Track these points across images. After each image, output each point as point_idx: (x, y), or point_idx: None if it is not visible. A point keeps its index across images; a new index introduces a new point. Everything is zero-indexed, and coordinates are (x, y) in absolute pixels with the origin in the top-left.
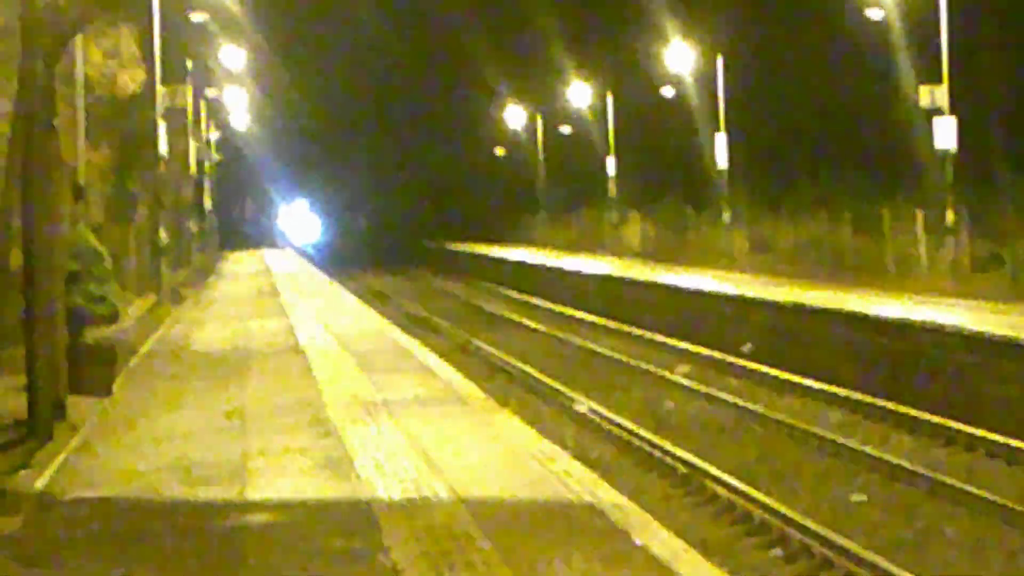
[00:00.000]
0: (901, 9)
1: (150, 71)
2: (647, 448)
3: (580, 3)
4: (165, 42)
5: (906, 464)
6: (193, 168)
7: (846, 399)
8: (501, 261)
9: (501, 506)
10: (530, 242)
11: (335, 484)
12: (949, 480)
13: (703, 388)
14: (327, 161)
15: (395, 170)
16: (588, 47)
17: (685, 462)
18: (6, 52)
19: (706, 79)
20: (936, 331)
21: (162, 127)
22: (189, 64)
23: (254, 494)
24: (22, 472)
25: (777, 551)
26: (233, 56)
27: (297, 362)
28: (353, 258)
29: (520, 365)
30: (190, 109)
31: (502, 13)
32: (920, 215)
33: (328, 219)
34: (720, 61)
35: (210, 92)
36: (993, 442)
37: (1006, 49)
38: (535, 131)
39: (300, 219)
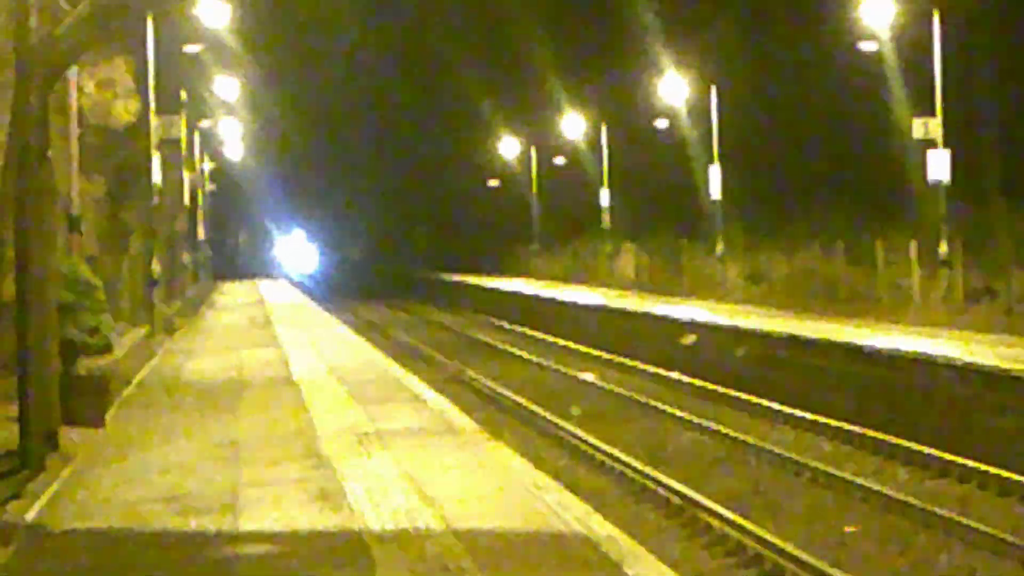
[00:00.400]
0: (895, 41)
1: (144, 102)
2: (640, 479)
3: (574, 35)
4: (159, 73)
5: (899, 495)
6: (187, 199)
7: (839, 430)
8: (495, 292)
9: (494, 537)
10: (524, 273)
11: (328, 515)
12: (942, 511)
13: (697, 419)
14: (322, 192)
15: (389, 201)
16: (582, 78)
17: (679, 493)
18: (0, 82)
19: (700, 110)
20: (929, 363)
21: (156, 158)
22: (183, 95)
23: (246, 525)
24: (13, 503)
25: None
26: (227, 87)
27: (290, 393)
28: (346, 289)
29: (513, 396)
30: (184, 140)
31: (496, 44)
32: (913, 246)
33: (324, 249)
34: (714, 92)
35: (204, 123)
36: (986, 473)
37: (999, 81)
38: (529, 162)
39: (296, 249)
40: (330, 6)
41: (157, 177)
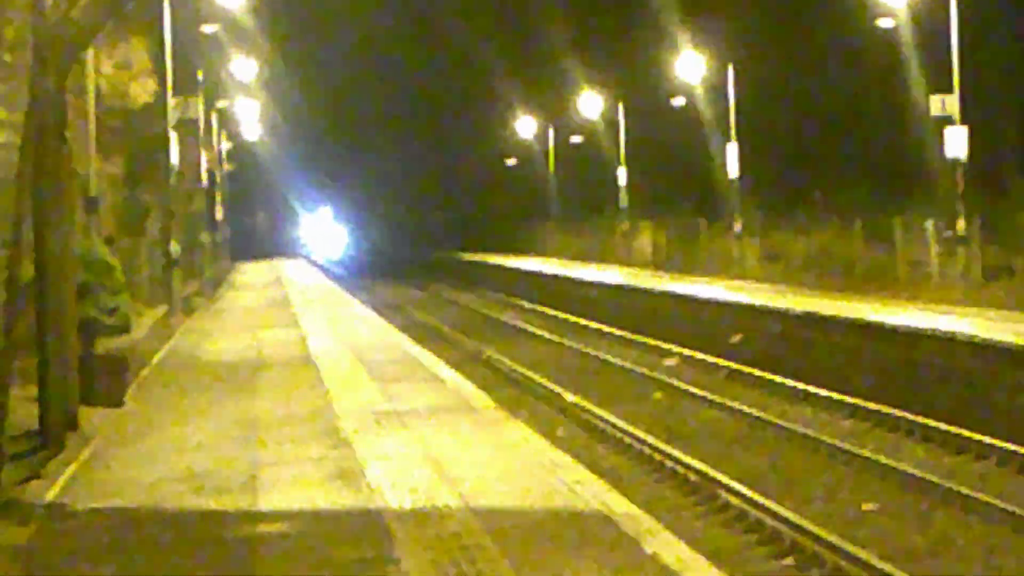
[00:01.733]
0: (912, 18)
1: (161, 82)
2: (658, 457)
3: (591, 13)
4: (176, 53)
5: (917, 472)
6: (204, 179)
7: (858, 408)
8: (512, 271)
9: (512, 515)
10: (541, 252)
11: (346, 494)
12: (961, 488)
13: (716, 397)
14: (340, 172)
15: (408, 180)
16: (599, 57)
17: (697, 471)
18: (17, 64)
19: (717, 89)
20: (947, 340)
21: (173, 138)
22: (200, 75)
23: (265, 504)
24: (33, 483)
25: (789, 560)
26: (244, 67)
27: (308, 372)
28: (365, 268)
29: (532, 375)
30: (201, 120)
31: (513, 24)
32: (931, 225)
33: (353, 230)
34: (731, 70)
35: (221, 103)
36: (1004, 450)
37: (1018, 57)
38: (546, 141)
39: (323, 230)
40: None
41: (175, 158)
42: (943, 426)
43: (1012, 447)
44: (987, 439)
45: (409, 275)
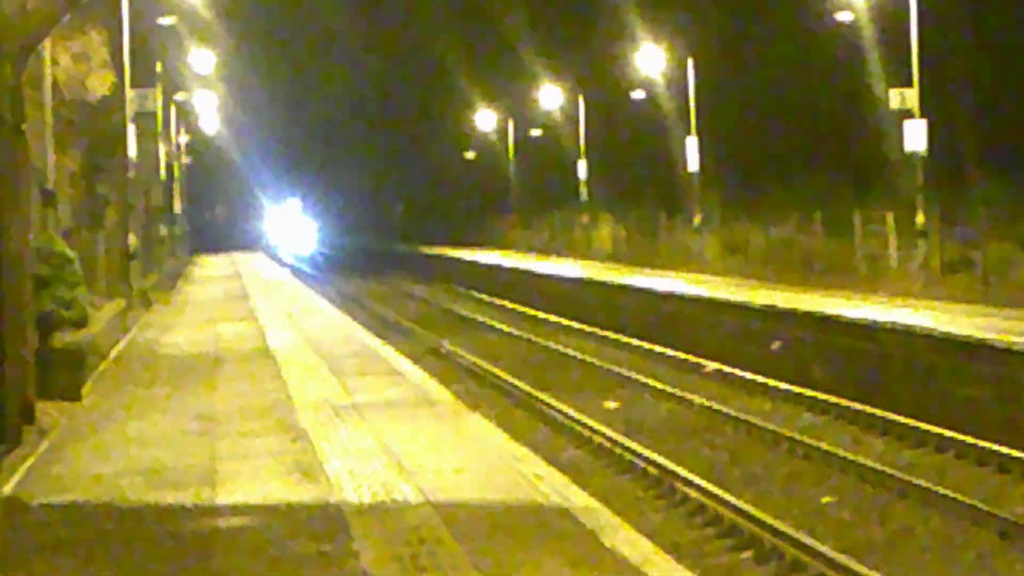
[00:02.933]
0: (872, 12)
1: (119, 74)
2: (618, 450)
3: (550, 5)
4: (134, 45)
5: (877, 465)
6: (163, 172)
7: (817, 401)
8: (472, 264)
9: (471, 509)
10: (502, 245)
11: (305, 487)
12: (920, 481)
13: (675, 391)
14: (302, 165)
15: (367, 174)
16: (558, 49)
17: (656, 464)
18: None
19: (677, 82)
20: (906, 333)
21: (131, 131)
22: (159, 67)
23: (224, 498)
24: None
25: (748, 554)
26: (202, 59)
27: (267, 365)
28: (324, 262)
29: (491, 368)
30: (160, 112)
31: (472, 16)
32: (890, 217)
33: (320, 223)
34: (691, 64)
35: (180, 95)
36: (963, 443)
37: (976, 52)
38: (506, 134)
39: (291, 222)
40: None
41: (132, 150)
42: (902, 419)
43: (971, 440)
44: (946, 432)
45: (369, 269)
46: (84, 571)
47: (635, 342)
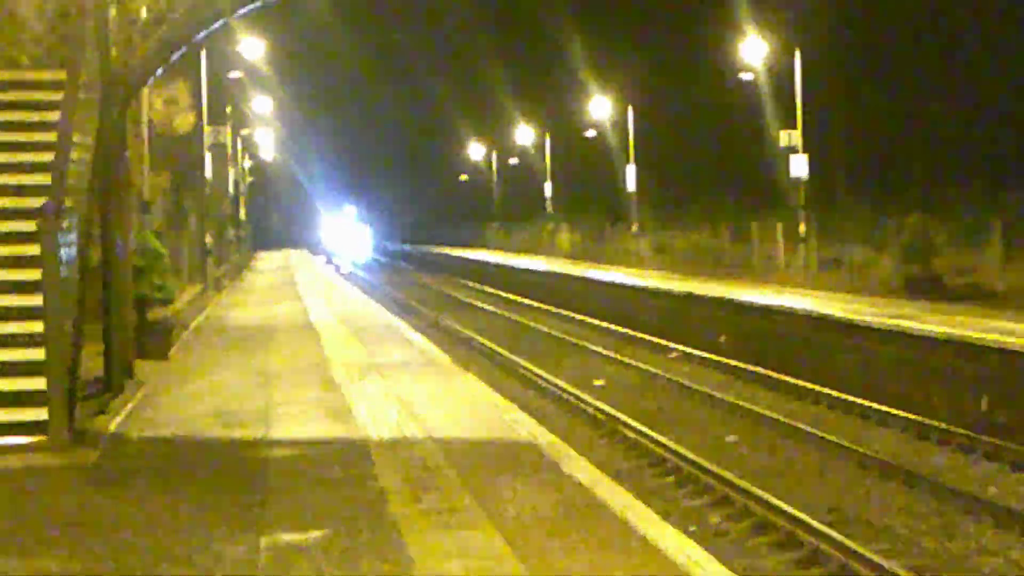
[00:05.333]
0: (767, 73)
1: (199, 115)
2: (575, 401)
3: (524, 66)
4: (210, 93)
5: (768, 413)
6: (231, 188)
7: (723, 364)
8: (464, 260)
9: (463, 444)
10: (486, 246)
11: (338, 427)
12: (800, 425)
13: (618, 357)
14: (345, 186)
15: (390, 193)
16: (530, 98)
17: (604, 412)
18: (89, 100)
19: (620, 124)
20: (791, 314)
21: (208, 158)
22: (228, 109)
23: (276, 434)
24: (100, 417)
25: (671, 478)
26: (262, 103)
27: (309, 335)
28: (350, 256)
29: (479, 338)
30: (229, 144)
31: (463, 72)
32: (780, 227)
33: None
34: (630, 111)
35: (244, 131)
36: (833, 397)
37: (846, 103)
38: (491, 162)
39: (346, 228)
40: (335, 44)
41: (208, 172)
42: (787, 378)
43: (838, 394)
44: (821, 388)
45: (385, 263)
46: (171, 488)
47: (587, 319)
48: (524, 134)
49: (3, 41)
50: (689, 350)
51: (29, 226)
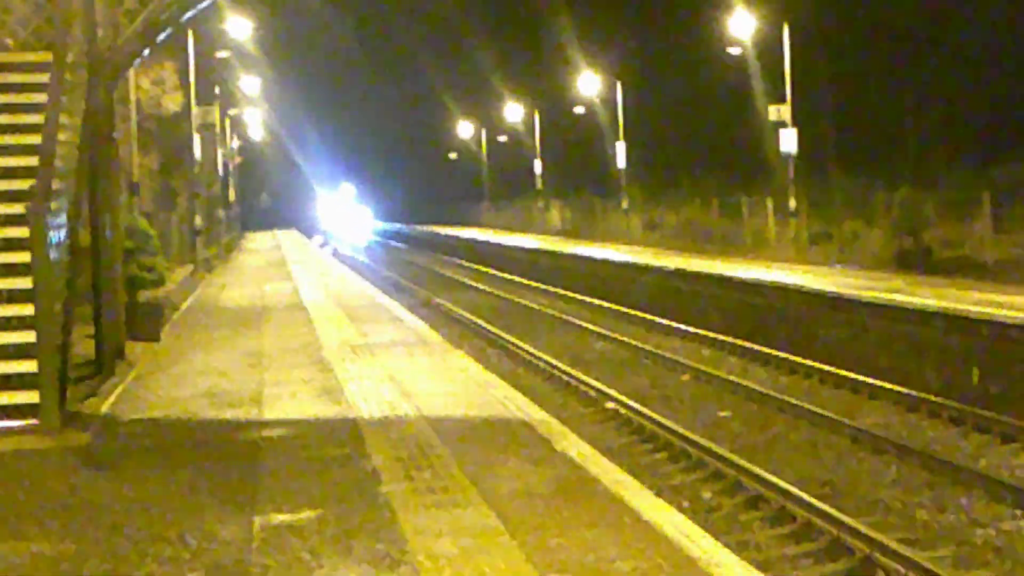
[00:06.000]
0: (755, 47)
1: (187, 95)
2: (565, 377)
3: (513, 42)
4: (198, 73)
5: (760, 388)
6: (220, 169)
7: (714, 340)
8: (455, 238)
9: (455, 422)
10: (477, 224)
11: (330, 406)
12: (791, 400)
13: (607, 332)
14: (337, 169)
15: (383, 172)
16: (519, 76)
17: (595, 388)
18: (76, 82)
19: (609, 100)
20: (782, 289)
21: (196, 139)
22: (216, 90)
23: (268, 414)
24: (92, 399)
25: (663, 454)
26: (249, 84)
27: (300, 315)
28: (340, 234)
29: (470, 316)
30: (217, 124)
31: (453, 51)
32: (770, 202)
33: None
34: (619, 87)
35: (232, 111)
36: (824, 371)
37: (835, 76)
38: (480, 140)
39: (344, 208)
40: (324, 26)
41: (197, 153)
42: (778, 353)
43: (828, 368)
44: (812, 363)
45: (376, 241)
46: (164, 470)
47: (578, 296)
48: (513, 111)
49: None
50: (677, 324)
51: (18, 209)
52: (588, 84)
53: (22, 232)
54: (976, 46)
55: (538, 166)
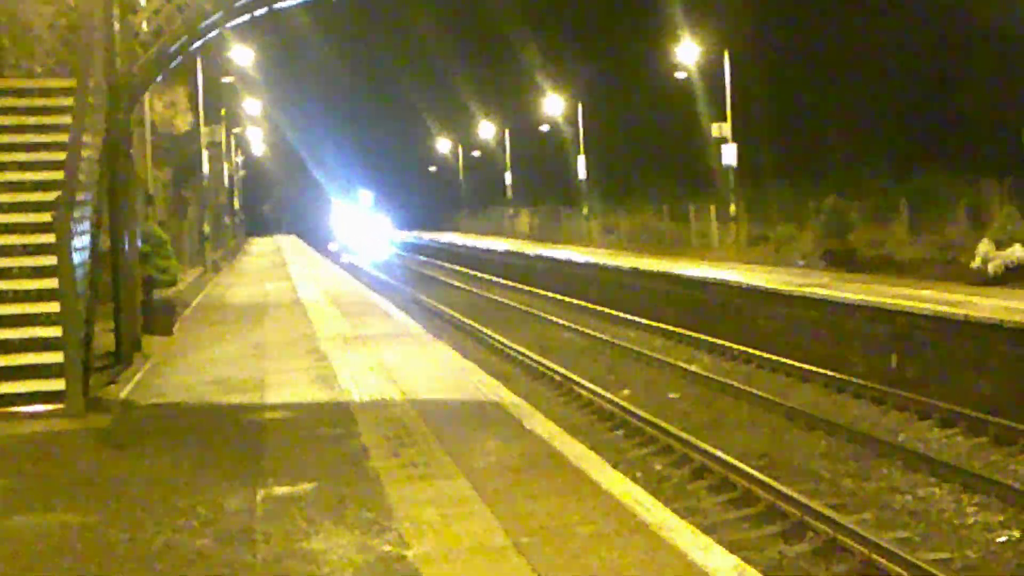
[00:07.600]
0: (700, 72)
1: (196, 116)
2: (534, 364)
3: (485, 66)
4: (206, 96)
5: (705, 373)
6: (226, 181)
7: (665, 330)
8: (434, 243)
9: (436, 404)
10: (455, 230)
11: (325, 391)
12: (733, 383)
13: (570, 324)
14: (344, 180)
15: (375, 184)
16: (491, 97)
17: (560, 374)
18: (97, 104)
19: (571, 119)
20: (724, 285)
21: (205, 154)
22: (223, 111)
23: (271, 399)
24: (111, 386)
25: (620, 432)
26: (252, 106)
27: (298, 311)
28: (331, 240)
29: (449, 311)
30: (224, 142)
31: (433, 72)
32: (713, 208)
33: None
34: (580, 107)
35: (237, 130)
36: (762, 358)
37: (771, 98)
38: (457, 155)
39: (360, 217)
40: (319, 56)
41: (205, 168)
42: (721, 342)
43: (767, 355)
44: (751, 350)
45: (363, 247)
46: (176, 448)
47: (544, 292)
48: (486, 129)
49: (20, 53)
50: (632, 317)
51: (46, 217)
52: (552, 105)
53: (49, 238)
54: (895, 71)
55: (508, 178)
